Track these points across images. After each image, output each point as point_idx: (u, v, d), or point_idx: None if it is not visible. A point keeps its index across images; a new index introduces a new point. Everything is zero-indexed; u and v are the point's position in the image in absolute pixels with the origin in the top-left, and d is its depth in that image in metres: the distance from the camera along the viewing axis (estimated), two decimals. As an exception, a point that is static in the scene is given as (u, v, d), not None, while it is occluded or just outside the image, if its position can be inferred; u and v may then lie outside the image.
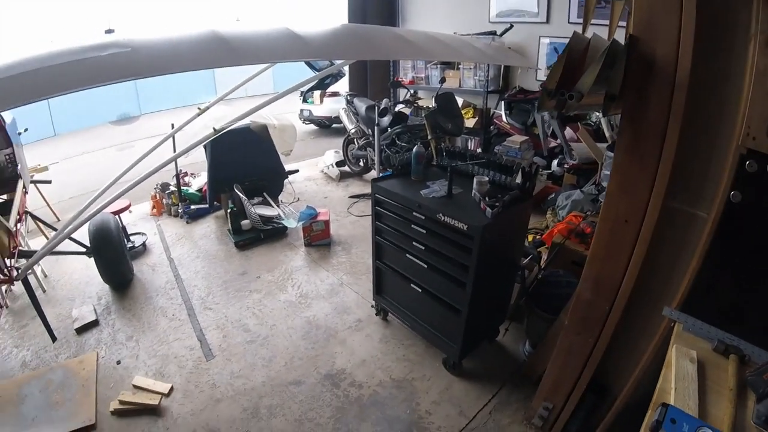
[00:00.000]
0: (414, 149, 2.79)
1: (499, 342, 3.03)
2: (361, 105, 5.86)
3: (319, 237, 4.48)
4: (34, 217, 4.09)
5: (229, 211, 4.57)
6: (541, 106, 1.60)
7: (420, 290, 2.69)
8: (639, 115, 1.61)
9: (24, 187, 3.50)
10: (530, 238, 3.72)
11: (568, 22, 4.88)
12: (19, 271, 2.65)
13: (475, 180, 2.42)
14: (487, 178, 2.45)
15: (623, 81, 1.53)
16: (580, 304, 1.95)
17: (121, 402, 2.61)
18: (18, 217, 3.12)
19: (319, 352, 3.03)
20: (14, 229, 2.93)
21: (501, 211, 2.22)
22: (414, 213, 2.52)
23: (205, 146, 4.71)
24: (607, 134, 4.21)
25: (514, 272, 2.83)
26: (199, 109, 3.44)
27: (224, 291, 3.78)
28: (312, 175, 6.61)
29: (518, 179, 2.43)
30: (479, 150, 5.53)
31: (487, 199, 2.30)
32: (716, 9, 1.42)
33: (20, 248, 3.00)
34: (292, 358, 2.97)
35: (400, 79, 6.68)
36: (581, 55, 1.60)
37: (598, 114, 4.52)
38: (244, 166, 4.86)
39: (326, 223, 4.48)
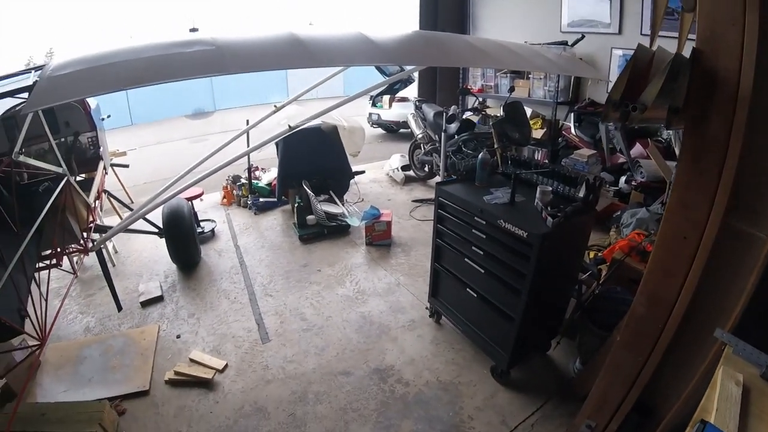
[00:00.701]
0: (479, 156, 2.84)
1: (550, 356, 3.00)
2: (430, 111, 5.92)
3: (380, 237, 4.58)
4: (112, 197, 4.46)
5: (296, 205, 4.77)
6: (606, 117, 1.63)
7: (475, 295, 2.72)
8: (701, 129, 1.59)
9: (104, 168, 3.82)
10: (591, 254, 3.66)
11: (641, 34, 4.73)
12: (95, 243, 2.91)
13: (538, 189, 2.44)
14: (550, 188, 2.46)
15: (686, 94, 1.53)
16: (633, 320, 1.93)
17: (177, 373, 2.81)
18: (97, 194, 3.41)
19: (371, 346, 3.12)
20: (93, 205, 3.21)
21: (562, 222, 2.22)
22: (475, 218, 2.56)
23: (277, 143, 4.95)
24: (677, 151, 4.06)
25: (571, 286, 2.81)
26: (275, 107, 3.65)
27: (285, 280, 3.96)
28: (377, 178, 6.75)
29: (582, 192, 2.43)
30: (546, 161, 5.46)
31: (549, 208, 2.32)
32: None
33: (97, 223, 3.28)
34: (343, 350, 3.09)
35: (468, 87, 6.70)
36: (646, 67, 1.61)
37: (669, 131, 4.38)
38: (313, 164, 5.06)
39: (388, 224, 4.59)
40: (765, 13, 1.40)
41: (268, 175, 5.90)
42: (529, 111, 5.75)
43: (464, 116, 5.64)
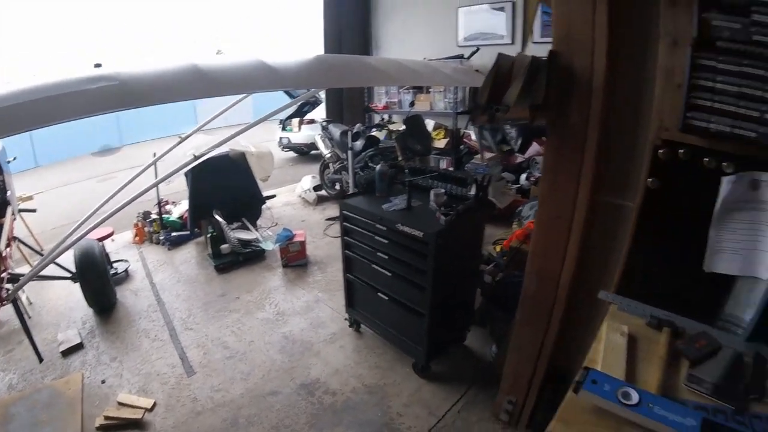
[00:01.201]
0: (377, 168, 2.98)
1: (467, 345, 3.17)
2: (336, 130, 6.06)
3: (295, 258, 4.61)
4: (22, 243, 4.20)
5: (209, 236, 4.70)
6: (474, 120, 1.80)
7: (387, 298, 2.84)
8: (562, 121, 1.80)
9: (13, 213, 3.61)
10: (498, 248, 3.89)
11: (533, 42, 5.11)
12: (9, 292, 2.75)
13: (431, 192, 2.61)
14: (443, 191, 2.64)
15: (546, 92, 1.73)
16: (527, 298, 2.12)
17: (106, 417, 2.69)
18: (7, 242, 3.22)
19: (295, 364, 3.14)
20: (4, 253, 3.03)
21: (454, 219, 2.39)
22: (377, 225, 2.69)
23: (186, 174, 4.85)
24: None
25: (474, 277, 2.99)
26: (180, 138, 3.61)
27: (204, 312, 3.89)
28: (290, 201, 6.76)
29: (473, 191, 2.62)
30: (451, 168, 5.73)
31: (442, 209, 2.49)
32: (631, 19, 1.63)
33: (9, 272, 3.09)
34: (269, 371, 3.08)
35: (373, 105, 6.91)
36: (508, 72, 1.80)
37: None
38: (223, 192, 4.99)
39: (302, 243, 4.63)
40: (612, 14, 1.61)
41: (179, 209, 5.75)
42: (432, 123, 6.02)
43: (369, 133, 5.81)
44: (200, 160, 2.82)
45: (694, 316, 1.56)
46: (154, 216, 5.46)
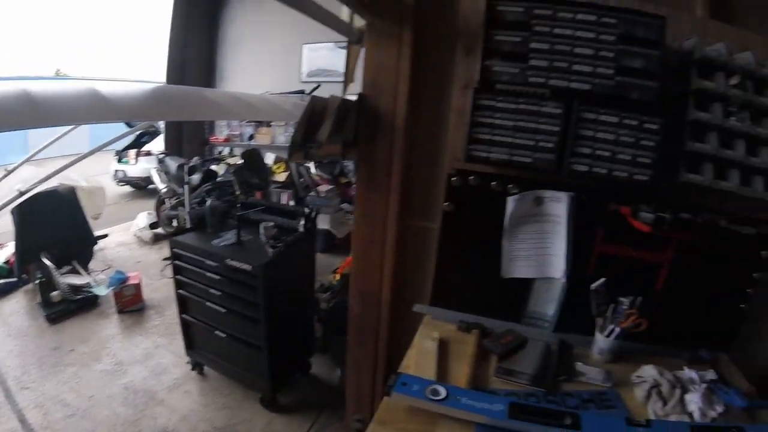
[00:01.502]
0: (207, 203, 2.92)
1: (313, 373, 3.20)
2: (172, 164, 5.77)
3: (131, 302, 4.28)
4: None
5: (37, 282, 4.17)
6: (290, 157, 1.87)
7: (224, 335, 2.77)
8: (370, 156, 1.95)
9: None
10: (336, 276, 3.99)
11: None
12: None
13: (261, 226, 2.63)
14: (272, 223, 2.68)
15: (356, 130, 1.89)
16: (353, 319, 2.22)
17: None
18: None
19: (140, 415, 2.92)
20: None
21: (282, 250, 2.45)
22: (207, 262, 2.64)
23: (12, 212, 4.24)
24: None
25: (310, 305, 3.06)
26: (6, 170, 3.14)
27: (39, 368, 3.43)
28: (125, 240, 6.24)
29: (301, 223, 2.70)
30: (292, 202, 5.78)
31: (271, 241, 2.52)
32: (432, 66, 1.84)
33: None
34: (114, 426, 2.83)
35: (214, 138, 6.74)
36: (322, 113, 1.91)
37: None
38: (51, 232, 4.46)
39: (137, 287, 4.32)
40: (414, 63, 1.81)
41: (5, 251, 4.96)
42: (272, 156, 6.02)
43: (207, 167, 5.65)
44: (26, 196, 2.50)
45: (503, 317, 1.81)
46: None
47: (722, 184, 1.62)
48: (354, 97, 1.93)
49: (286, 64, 6.35)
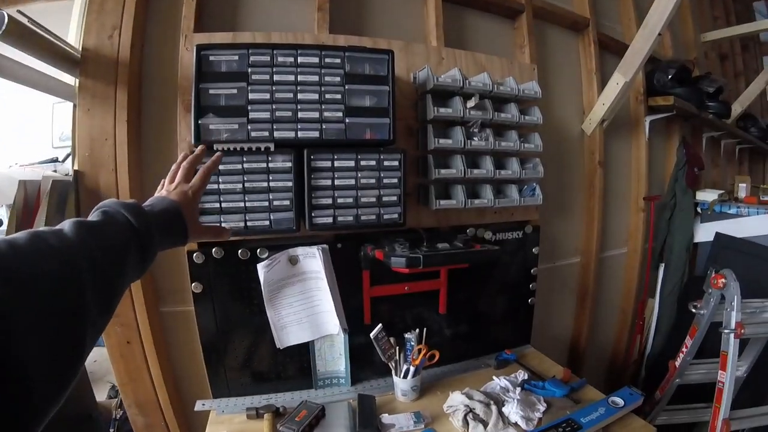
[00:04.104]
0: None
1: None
2: None
3: None
4: None
5: None
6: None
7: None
8: None
9: None
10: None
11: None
12: None
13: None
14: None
15: (77, 215, 1.40)
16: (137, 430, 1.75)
17: None
18: None
19: None
20: None
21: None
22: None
23: None
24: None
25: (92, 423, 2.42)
26: None
27: None
28: None
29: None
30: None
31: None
32: (154, 130, 1.48)
33: None
34: None
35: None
36: (36, 197, 1.41)
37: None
38: None
39: None
40: (132, 125, 1.40)
41: None
42: None
43: None
44: None
45: (296, 387, 1.54)
46: None
47: (476, 202, 1.49)
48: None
49: (35, 127, 5.28)
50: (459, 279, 1.58)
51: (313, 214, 1.31)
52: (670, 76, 2.20)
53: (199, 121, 1.26)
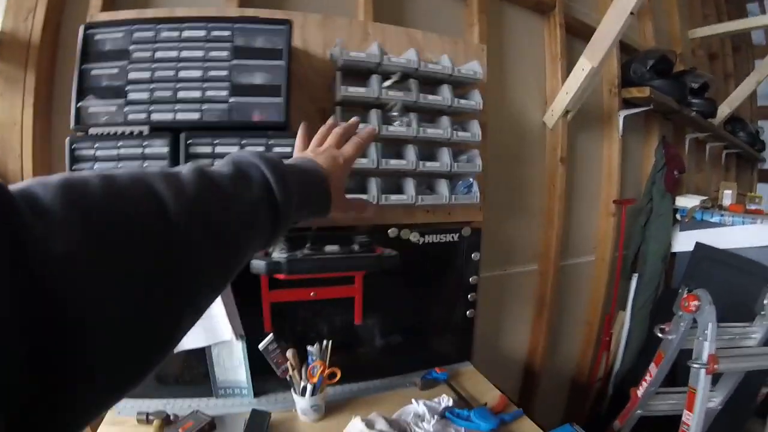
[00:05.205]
0: None
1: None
2: None
3: None
4: None
5: None
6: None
7: None
8: None
9: None
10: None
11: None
12: None
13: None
14: None
15: None
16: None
17: None
18: None
19: None
20: None
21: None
22: None
23: None
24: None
25: None
26: None
27: None
28: None
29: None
30: None
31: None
32: (62, 116, 1.28)
33: None
34: None
35: None
36: None
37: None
38: None
39: None
40: (39, 111, 1.25)
41: None
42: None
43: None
44: None
45: (195, 394, 1.35)
46: None
47: (393, 198, 1.25)
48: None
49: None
50: (379, 286, 1.34)
51: (187, 201, 1.09)
52: (648, 67, 1.92)
53: (78, 104, 1.07)
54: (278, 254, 1.06)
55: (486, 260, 1.54)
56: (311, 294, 1.28)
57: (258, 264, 1.03)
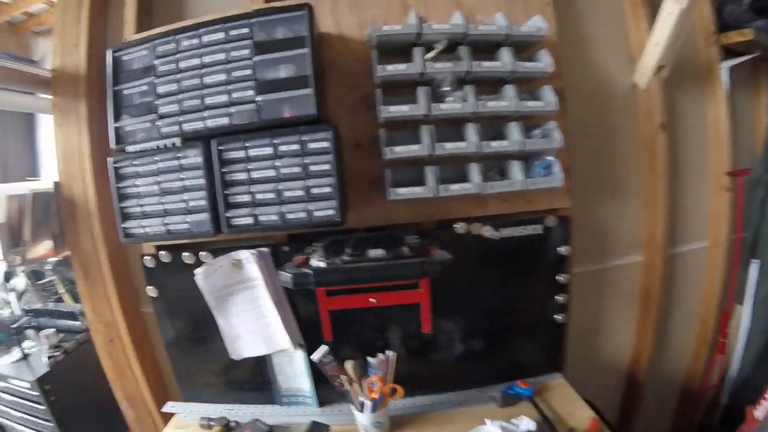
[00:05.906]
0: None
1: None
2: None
3: None
4: None
5: None
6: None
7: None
8: (78, 248, 1.45)
9: None
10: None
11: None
12: None
13: (41, 335, 1.95)
14: (54, 330, 1.99)
15: (60, 223, 1.46)
16: (133, 425, 1.63)
17: None
18: None
19: None
20: None
21: (64, 358, 1.82)
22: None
23: None
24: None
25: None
26: None
27: None
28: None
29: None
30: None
31: (51, 350, 1.87)
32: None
33: None
34: None
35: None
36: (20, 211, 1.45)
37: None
38: None
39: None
40: (94, 136, 1.37)
41: None
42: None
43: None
44: None
45: (257, 401, 1.38)
46: None
47: (453, 188, 1.08)
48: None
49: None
50: (452, 289, 1.19)
51: (228, 214, 1.02)
52: (745, 5, 1.51)
53: (116, 125, 1.11)
54: (316, 261, 0.93)
55: (577, 254, 1.31)
56: (371, 300, 1.15)
57: (285, 276, 0.91)
